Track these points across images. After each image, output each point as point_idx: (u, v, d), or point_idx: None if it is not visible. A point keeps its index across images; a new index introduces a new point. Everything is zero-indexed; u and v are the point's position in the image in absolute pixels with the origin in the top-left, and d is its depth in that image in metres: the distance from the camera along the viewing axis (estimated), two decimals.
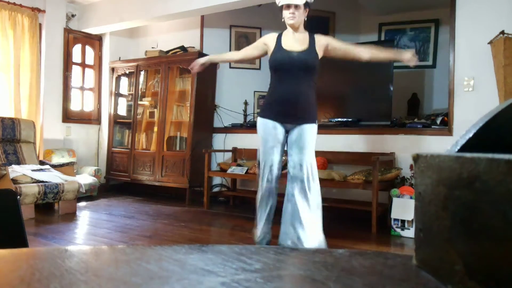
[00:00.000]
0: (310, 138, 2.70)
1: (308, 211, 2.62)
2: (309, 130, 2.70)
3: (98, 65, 6.03)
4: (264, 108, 2.80)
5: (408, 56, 2.69)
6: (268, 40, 2.81)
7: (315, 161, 2.73)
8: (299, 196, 2.62)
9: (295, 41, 2.72)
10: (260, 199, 2.74)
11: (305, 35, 2.75)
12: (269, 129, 2.70)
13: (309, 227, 2.60)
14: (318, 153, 4.32)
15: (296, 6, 2.67)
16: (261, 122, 2.75)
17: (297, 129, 2.70)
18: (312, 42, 2.72)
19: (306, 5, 2.71)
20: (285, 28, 2.78)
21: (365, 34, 5.61)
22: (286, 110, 2.67)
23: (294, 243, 2.59)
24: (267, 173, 2.71)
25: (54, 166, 4.42)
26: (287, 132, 2.75)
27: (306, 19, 2.75)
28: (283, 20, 2.75)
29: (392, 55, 2.91)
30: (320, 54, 2.73)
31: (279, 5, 2.73)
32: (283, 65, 2.68)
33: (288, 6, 2.68)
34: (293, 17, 2.67)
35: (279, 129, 2.70)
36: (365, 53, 2.77)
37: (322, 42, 2.74)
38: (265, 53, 2.85)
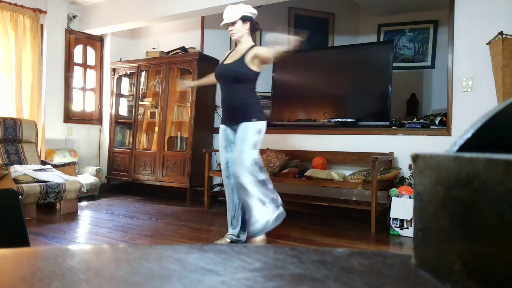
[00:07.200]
0: (247, 134, 2.89)
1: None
2: (246, 126, 2.89)
3: (99, 66, 6.03)
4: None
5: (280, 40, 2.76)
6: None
7: (253, 154, 2.85)
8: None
9: (235, 53, 2.98)
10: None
11: (244, 47, 2.93)
12: (221, 132, 3.05)
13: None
14: (317, 153, 4.34)
15: (233, 23, 2.89)
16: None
17: (238, 128, 2.94)
18: (245, 53, 2.90)
19: (245, 18, 2.89)
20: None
21: (364, 35, 5.61)
22: (229, 114, 2.98)
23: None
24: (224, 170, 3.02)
25: (55, 166, 4.43)
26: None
27: (248, 31, 2.93)
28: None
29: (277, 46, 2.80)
30: (253, 63, 2.86)
31: (221, 25, 2.98)
32: (218, 77, 3.02)
33: (227, 25, 2.92)
34: (233, 34, 2.92)
35: (229, 131, 3.01)
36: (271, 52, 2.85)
37: (251, 53, 2.87)
38: None
